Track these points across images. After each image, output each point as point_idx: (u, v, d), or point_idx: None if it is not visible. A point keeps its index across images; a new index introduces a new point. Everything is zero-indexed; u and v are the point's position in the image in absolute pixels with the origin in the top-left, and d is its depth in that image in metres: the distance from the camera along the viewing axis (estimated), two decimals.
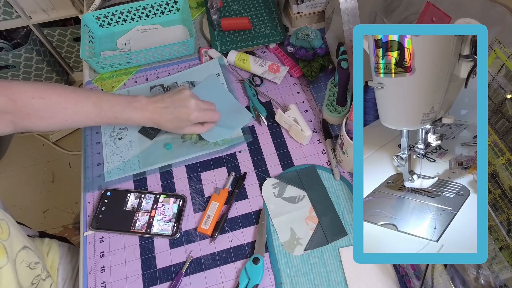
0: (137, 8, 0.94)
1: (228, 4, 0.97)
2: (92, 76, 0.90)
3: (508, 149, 0.44)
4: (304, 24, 0.94)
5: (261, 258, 0.61)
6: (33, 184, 1.72)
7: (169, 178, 0.73)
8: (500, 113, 0.45)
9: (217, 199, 0.68)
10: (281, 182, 0.70)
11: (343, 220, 0.66)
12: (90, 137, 0.80)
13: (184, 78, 0.87)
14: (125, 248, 0.66)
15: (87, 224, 0.69)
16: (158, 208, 0.69)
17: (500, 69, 0.44)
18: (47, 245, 0.74)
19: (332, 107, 0.75)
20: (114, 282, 0.63)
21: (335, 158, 0.72)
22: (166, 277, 0.63)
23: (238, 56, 0.86)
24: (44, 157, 1.80)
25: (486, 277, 0.45)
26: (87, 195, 0.72)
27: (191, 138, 0.77)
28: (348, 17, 0.60)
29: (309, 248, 0.63)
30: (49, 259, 0.72)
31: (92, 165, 0.76)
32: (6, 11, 1.53)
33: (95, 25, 0.95)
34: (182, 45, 0.87)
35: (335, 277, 0.61)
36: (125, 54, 0.85)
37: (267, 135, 0.77)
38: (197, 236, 0.66)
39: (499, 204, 0.45)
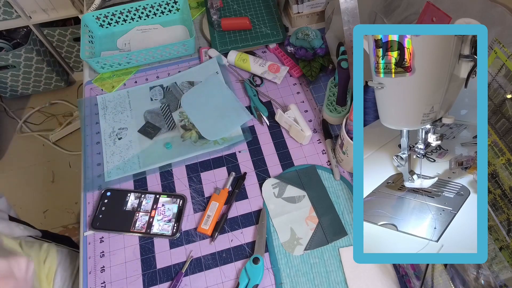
0: (137, 8, 0.94)
1: (228, 4, 0.97)
2: (92, 76, 0.90)
3: (508, 149, 0.44)
4: (304, 24, 0.94)
5: (261, 258, 0.61)
6: (33, 184, 1.72)
7: (169, 178, 0.73)
8: (500, 113, 0.45)
9: (217, 199, 0.68)
10: (281, 182, 0.70)
11: (343, 220, 0.66)
12: (90, 137, 0.80)
13: (184, 78, 0.87)
14: (125, 248, 0.66)
15: (87, 224, 0.69)
16: (158, 208, 0.69)
17: (500, 69, 0.44)
18: (45, 251, 0.74)
19: (332, 107, 0.75)
20: (114, 282, 0.63)
21: (335, 158, 0.72)
22: (166, 277, 0.63)
23: (238, 56, 0.86)
24: (44, 157, 1.80)
25: (486, 277, 0.45)
26: (87, 195, 0.72)
27: (190, 137, 0.77)
28: (348, 17, 0.60)
29: (309, 248, 0.63)
30: (45, 267, 0.72)
31: (92, 165, 0.75)
32: (6, 11, 1.53)
33: (95, 25, 0.95)
34: (182, 45, 0.87)
35: (335, 277, 0.61)
36: (125, 54, 0.85)
37: (267, 135, 0.77)
38: (197, 236, 0.66)
39: (499, 204, 0.45)
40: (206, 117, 0.80)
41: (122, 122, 0.81)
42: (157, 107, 0.83)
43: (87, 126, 0.81)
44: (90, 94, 0.87)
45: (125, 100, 0.85)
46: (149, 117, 0.81)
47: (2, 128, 1.89)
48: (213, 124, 0.78)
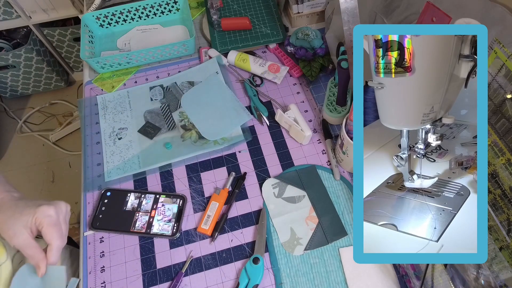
0: (137, 8, 0.94)
1: (228, 4, 0.97)
2: (92, 76, 0.90)
3: (508, 149, 0.44)
4: (304, 24, 0.94)
5: (261, 258, 0.61)
6: (33, 184, 1.72)
7: (169, 178, 0.73)
8: (500, 113, 0.45)
9: (217, 199, 0.68)
10: (281, 182, 0.70)
11: (343, 220, 0.66)
12: (90, 137, 0.80)
13: (184, 78, 0.87)
14: (125, 248, 0.66)
15: (87, 224, 0.69)
16: (158, 208, 0.69)
17: (500, 69, 0.44)
18: None
19: (332, 107, 0.75)
20: (114, 282, 0.63)
21: (335, 158, 0.72)
22: (166, 277, 0.63)
23: (238, 56, 0.86)
24: (44, 157, 1.80)
25: (486, 277, 0.45)
26: (87, 195, 0.72)
27: (190, 137, 0.77)
28: (348, 17, 0.60)
29: (309, 248, 0.63)
30: None
31: (92, 165, 0.75)
32: (6, 11, 1.53)
33: (95, 25, 0.95)
34: (182, 45, 0.87)
35: (335, 277, 0.61)
36: (125, 54, 0.85)
37: (267, 135, 0.77)
38: (197, 236, 0.66)
39: (499, 204, 0.45)
40: (206, 117, 0.80)
41: (122, 122, 0.81)
42: (157, 107, 0.83)
43: (87, 126, 0.81)
44: (90, 94, 0.87)
45: (125, 100, 0.85)
46: (149, 117, 0.81)
47: (2, 128, 1.89)
48: (213, 124, 0.78)
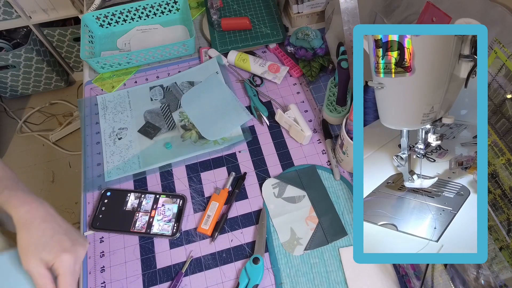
0: (137, 8, 0.94)
1: (228, 4, 0.97)
2: (92, 76, 0.90)
3: (508, 149, 0.44)
4: (304, 24, 0.94)
5: (261, 258, 0.61)
6: (33, 184, 1.72)
7: (169, 178, 0.73)
8: (500, 113, 0.45)
9: (217, 199, 0.68)
10: (281, 182, 0.70)
11: (343, 220, 0.66)
12: (90, 137, 0.80)
13: (184, 78, 0.87)
14: (125, 248, 0.66)
15: (87, 224, 0.69)
16: (158, 208, 0.69)
17: (500, 69, 0.44)
18: None
19: (332, 107, 0.75)
20: (114, 282, 0.63)
21: (335, 158, 0.72)
22: (166, 277, 0.63)
23: (238, 56, 0.86)
24: (44, 157, 1.80)
25: (486, 277, 0.45)
26: (87, 195, 0.72)
27: (190, 137, 0.77)
28: (348, 17, 0.60)
29: (309, 248, 0.63)
30: None
31: (92, 165, 0.75)
32: (6, 11, 1.53)
33: (95, 25, 0.95)
34: (182, 45, 0.87)
35: (335, 277, 0.61)
36: (125, 54, 0.85)
37: (267, 135, 0.77)
38: (197, 236, 0.66)
39: (499, 204, 0.45)
40: (206, 117, 0.80)
41: (122, 122, 0.81)
42: (157, 107, 0.83)
43: (87, 126, 0.81)
44: (90, 94, 0.87)
45: (125, 100, 0.85)
46: (149, 117, 0.81)
47: (2, 128, 1.89)
48: (213, 124, 0.79)
